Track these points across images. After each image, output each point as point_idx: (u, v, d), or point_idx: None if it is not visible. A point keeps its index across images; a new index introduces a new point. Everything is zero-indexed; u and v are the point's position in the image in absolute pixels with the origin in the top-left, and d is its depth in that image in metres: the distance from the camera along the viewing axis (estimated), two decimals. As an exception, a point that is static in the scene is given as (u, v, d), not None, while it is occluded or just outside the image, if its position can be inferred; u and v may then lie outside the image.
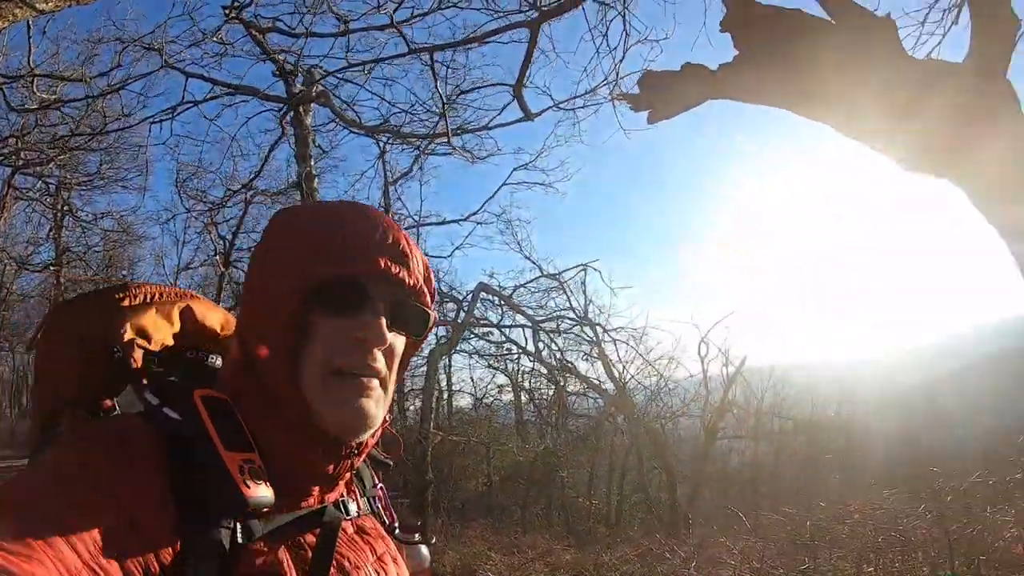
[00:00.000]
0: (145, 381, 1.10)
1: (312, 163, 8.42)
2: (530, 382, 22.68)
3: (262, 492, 0.96)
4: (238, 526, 0.94)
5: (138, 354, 1.12)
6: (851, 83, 3.39)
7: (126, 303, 1.15)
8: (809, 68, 3.45)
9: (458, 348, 18.47)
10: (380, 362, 1.07)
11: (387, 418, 1.14)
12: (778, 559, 8.09)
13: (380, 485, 1.32)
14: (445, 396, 22.61)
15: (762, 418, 21.30)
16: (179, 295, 1.23)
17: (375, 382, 1.07)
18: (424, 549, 1.37)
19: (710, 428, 19.66)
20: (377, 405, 1.08)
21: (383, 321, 1.06)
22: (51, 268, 21.27)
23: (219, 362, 1.19)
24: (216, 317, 1.25)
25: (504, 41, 6.35)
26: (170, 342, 1.17)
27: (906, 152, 3.45)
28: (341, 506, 1.14)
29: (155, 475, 0.93)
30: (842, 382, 22.35)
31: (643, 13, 6.27)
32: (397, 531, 1.29)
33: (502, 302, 17.04)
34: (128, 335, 1.12)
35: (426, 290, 1.13)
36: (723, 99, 3.79)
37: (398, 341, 1.11)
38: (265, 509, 0.97)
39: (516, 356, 20.70)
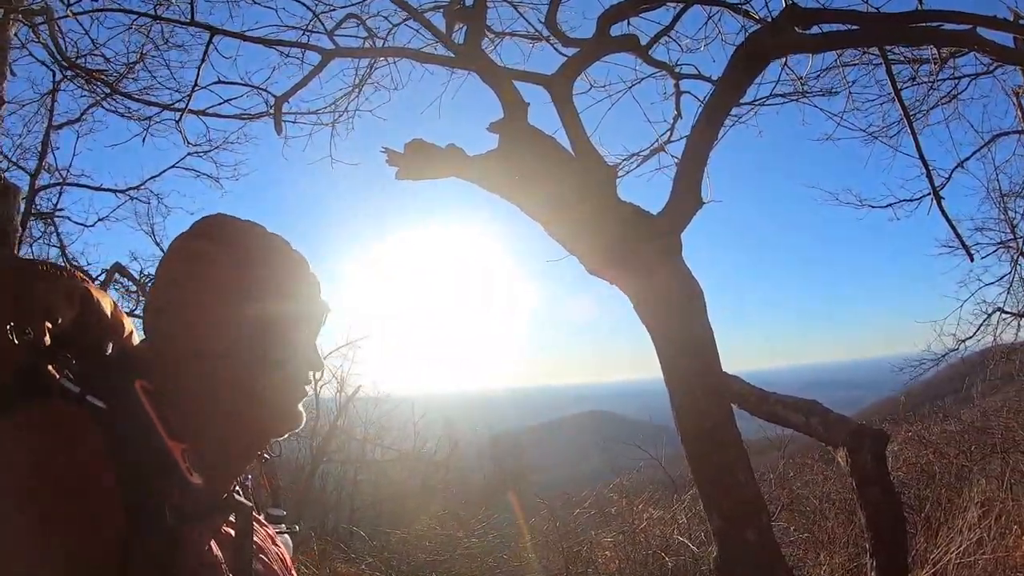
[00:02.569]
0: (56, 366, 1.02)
1: (5, 88, 6.95)
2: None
3: (198, 479, 1.00)
4: (175, 512, 0.94)
5: (47, 337, 1.05)
6: (571, 205, 4.08)
7: (38, 282, 1.10)
8: (545, 183, 4.11)
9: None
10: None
11: None
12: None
13: (250, 475, 1.35)
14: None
15: (365, 446, 21.91)
16: (77, 276, 1.19)
17: None
18: (288, 537, 1.45)
19: (317, 451, 19.76)
20: None
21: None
22: None
23: (110, 348, 1.16)
24: (107, 303, 1.20)
25: (284, 52, 6.10)
26: (69, 326, 1.10)
27: (593, 262, 4.16)
28: (238, 493, 1.18)
29: (98, 464, 0.91)
30: (447, 418, 23.89)
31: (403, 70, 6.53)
32: (263, 519, 1.36)
33: (137, 289, 15.50)
34: (40, 316, 1.05)
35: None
36: (466, 180, 4.28)
37: None
38: (199, 496, 1.00)
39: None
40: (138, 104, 7.85)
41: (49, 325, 1.05)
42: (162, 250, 12.10)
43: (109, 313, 1.19)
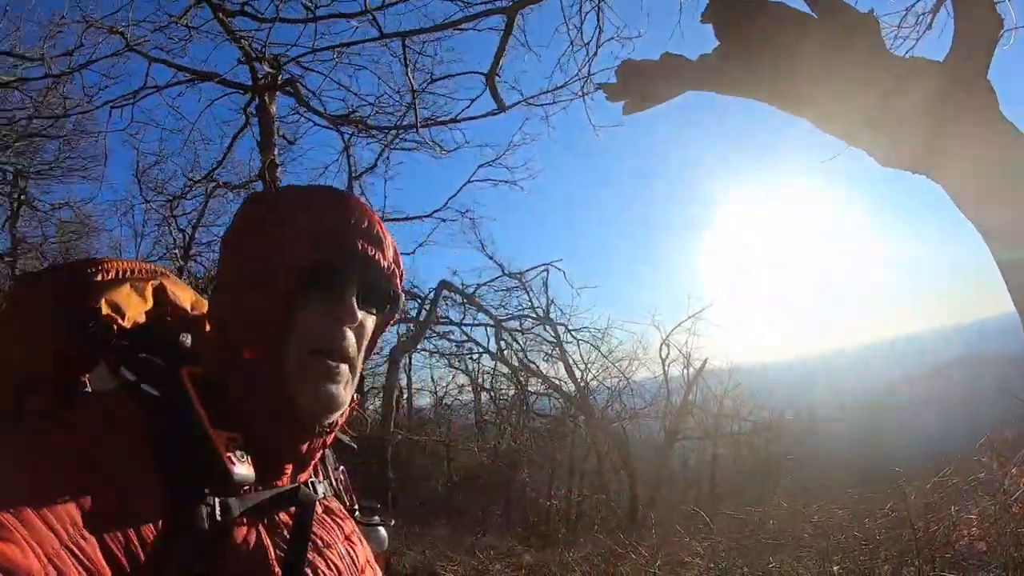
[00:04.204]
0: (116, 358, 1.07)
1: (276, 153, 8.23)
2: (491, 382, 22.54)
3: (246, 469, 0.99)
4: (219, 503, 0.95)
5: (111, 330, 1.10)
6: (831, 78, 3.35)
7: (100, 278, 1.15)
8: (789, 62, 3.41)
9: (419, 347, 18.49)
10: (352, 342, 1.11)
11: (355, 398, 1.17)
12: (740, 558, 8.14)
13: (342, 468, 1.37)
14: (405, 395, 22.34)
15: (721, 420, 21.52)
16: (152, 272, 1.25)
17: (345, 366, 1.11)
18: (382, 531, 1.41)
19: (670, 429, 19.85)
20: (346, 388, 1.12)
21: (355, 302, 1.11)
22: (5, 259, 20.34)
23: (188, 340, 1.17)
24: (187, 296, 1.27)
25: (479, 29, 6.22)
26: (142, 319, 1.16)
27: (883, 147, 3.41)
28: (311, 486, 1.17)
29: (141, 452, 0.93)
30: (803, 383, 22.64)
31: (619, 6, 6.22)
32: (357, 513, 1.34)
33: (464, 300, 17.00)
34: (104, 310, 1.11)
35: (396, 271, 1.17)
36: (701, 91, 3.74)
37: (368, 321, 1.16)
38: (247, 487, 1.00)
39: (477, 355, 20.73)
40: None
41: (119, 320, 1.12)
42: (488, 258, 13.27)
43: (189, 307, 1.26)
